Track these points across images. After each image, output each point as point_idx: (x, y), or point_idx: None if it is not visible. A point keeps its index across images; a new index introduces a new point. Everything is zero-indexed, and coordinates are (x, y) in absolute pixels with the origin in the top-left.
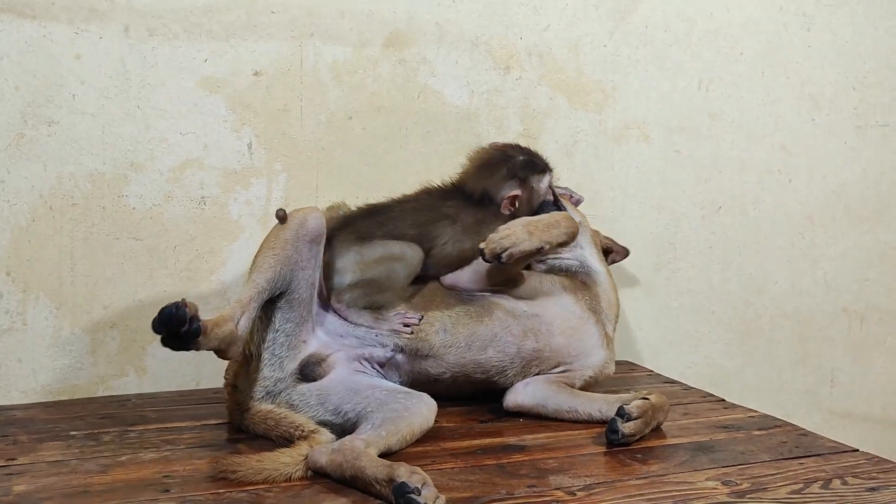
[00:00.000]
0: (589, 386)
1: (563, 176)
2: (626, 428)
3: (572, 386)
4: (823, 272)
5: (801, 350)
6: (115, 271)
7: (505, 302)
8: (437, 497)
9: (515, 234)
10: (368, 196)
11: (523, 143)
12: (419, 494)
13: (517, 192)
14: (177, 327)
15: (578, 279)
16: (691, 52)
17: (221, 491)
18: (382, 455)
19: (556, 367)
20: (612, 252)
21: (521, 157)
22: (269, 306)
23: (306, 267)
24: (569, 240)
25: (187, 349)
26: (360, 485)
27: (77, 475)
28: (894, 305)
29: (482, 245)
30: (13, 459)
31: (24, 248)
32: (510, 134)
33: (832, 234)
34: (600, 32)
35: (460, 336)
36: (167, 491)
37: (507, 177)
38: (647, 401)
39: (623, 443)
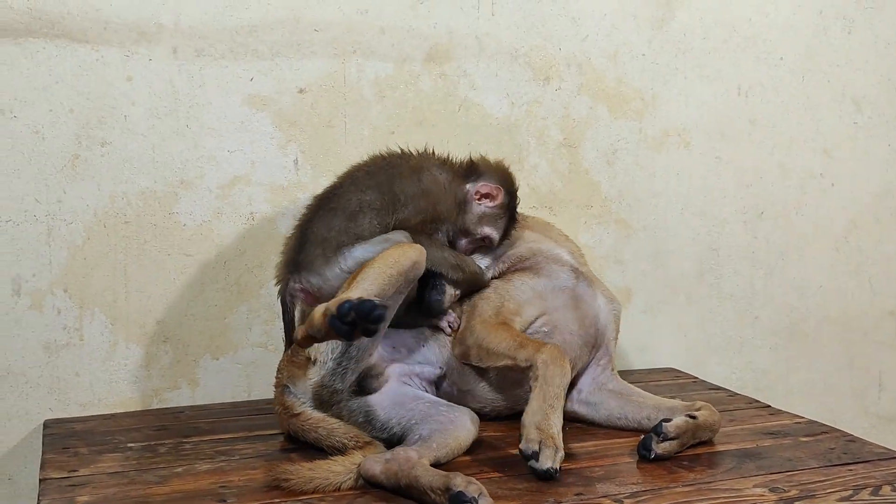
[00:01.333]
0: (618, 329)
1: (605, 185)
2: (660, 448)
3: (611, 357)
4: (868, 275)
5: (847, 354)
6: (167, 286)
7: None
8: None
9: (546, 427)
10: None
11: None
12: None
13: (498, 199)
14: (366, 322)
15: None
16: (730, 58)
17: (276, 501)
18: (432, 466)
19: (591, 351)
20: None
21: (515, 208)
22: None
23: (403, 292)
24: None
25: (346, 338)
26: (415, 494)
27: (136, 486)
28: None
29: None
30: (75, 471)
31: (79, 266)
32: (551, 144)
33: (877, 237)
34: (639, 41)
35: (491, 376)
36: (223, 501)
37: (508, 192)
38: (690, 420)
39: (654, 461)
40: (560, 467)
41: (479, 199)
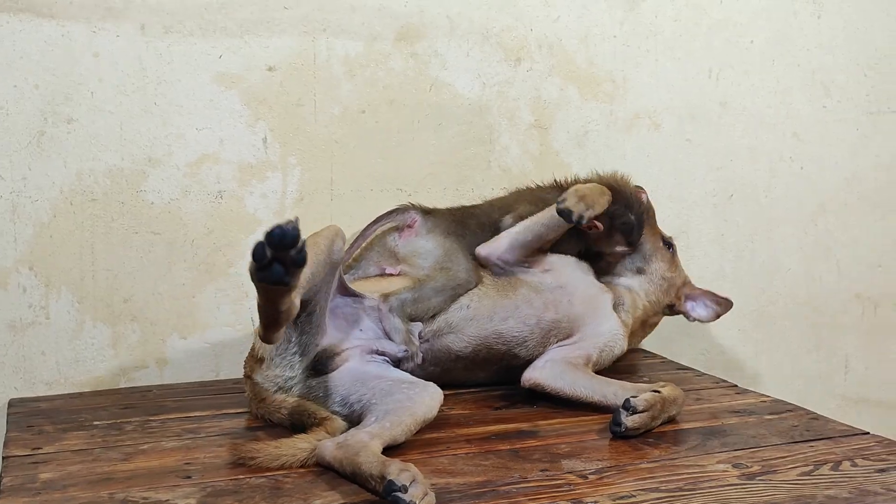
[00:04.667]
0: (604, 356)
1: (575, 167)
2: (630, 421)
3: (589, 358)
4: (836, 259)
5: (815, 337)
6: (135, 265)
7: (531, 278)
8: (426, 495)
9: (591, 197)
10: (381, 188)
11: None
12: (405, 492)
13: (600, 227)
14: (287, 249)
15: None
16: (701, 41)
17: (241, 477)
18: (389, 447)
19: (571, 335)
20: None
21: (628, 218)
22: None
23: (328, 280)
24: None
25: (284, 282)
26: (360, 481)
27: (100, 463)
28: None
29: (564, 206)
30: (39, 448)
31: (45, 244)
32: (522, 125)
33: (844, 220)
34: (610, 23)
35: (483, 309)
36: (188, 477)
37: (607, 212)
38: (657, 394)
39: (626, 436)
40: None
41: (588, 229)
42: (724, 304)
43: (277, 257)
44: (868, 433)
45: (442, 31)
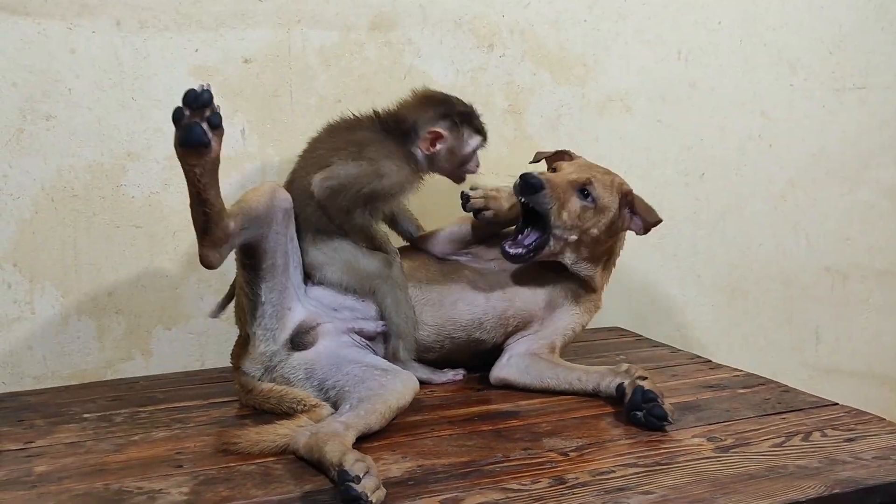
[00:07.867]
0: (568, 338)
1: (550, 149)
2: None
3: (553, 346)
4: (806, 233)
5: (787, 310)
6: (118, 258)
7: (473, 263)
8: (378, 488)
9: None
10: None
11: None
12: (358, 482)
13: (444, 132)
14: (202, 107)
15: None
16: (670, 23)
17: (232, 464)
18: (363, 435)
19: (531, 321)
20: None
21: (462, 108)
22: (252, 280)
23: (280, 232)
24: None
25: (204, 141)
26: (323, 469)
27: (93, 455)
28: (876, 263)
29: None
30: (31, 442)
31: (28, 240)
32: (496, 111)
33: (813, 196)
34: (580, 7)
35: (433, 294)
36: (180, 466)
37: (441, 115)
38: (646, 380)
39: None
40: None
41: (432, 147)
42: None
43: (196, 117)
44: (837, 404)
45: (415, 20)
